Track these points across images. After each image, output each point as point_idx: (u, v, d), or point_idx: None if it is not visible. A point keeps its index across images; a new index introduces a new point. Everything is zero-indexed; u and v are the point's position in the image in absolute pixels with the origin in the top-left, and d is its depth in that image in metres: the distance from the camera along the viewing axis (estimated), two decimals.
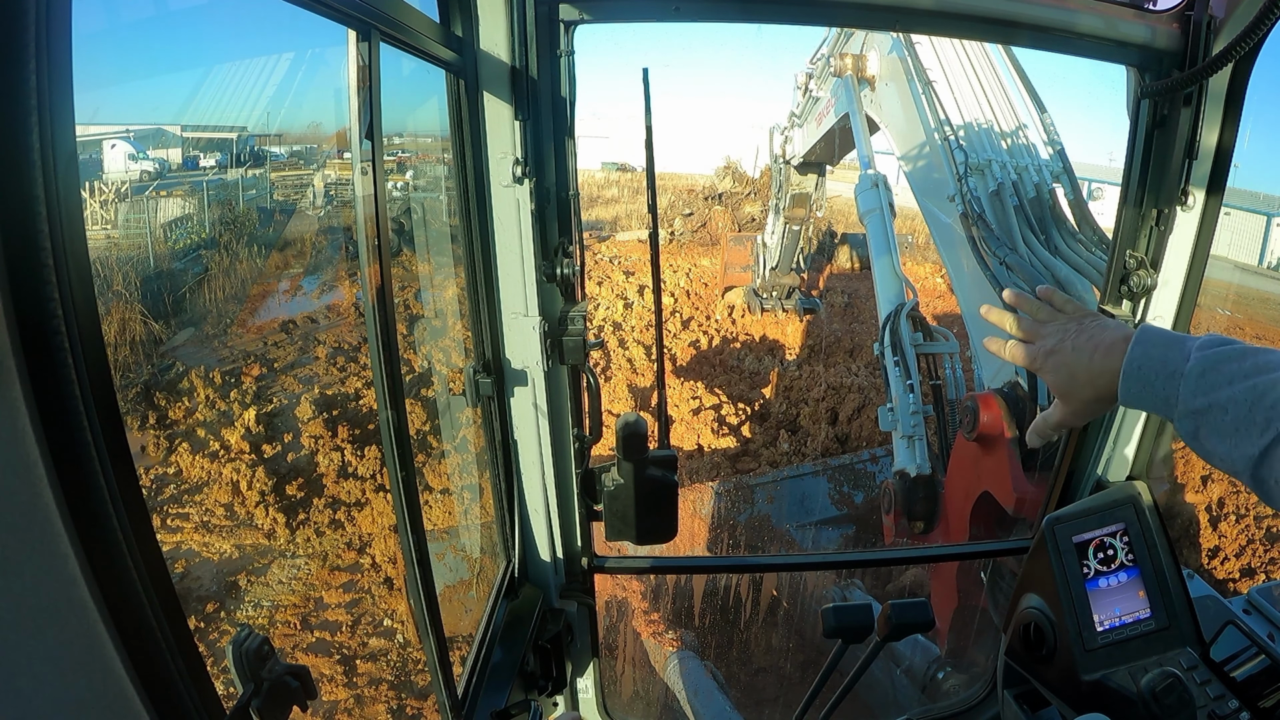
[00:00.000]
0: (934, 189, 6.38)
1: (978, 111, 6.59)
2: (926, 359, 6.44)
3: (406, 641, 8.57)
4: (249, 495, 10.36)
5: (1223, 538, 9.93)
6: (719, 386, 14.41)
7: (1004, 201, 5.83)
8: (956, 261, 6.07)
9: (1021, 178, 5.93)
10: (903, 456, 6.20)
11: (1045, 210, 5.87)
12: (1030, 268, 5.30)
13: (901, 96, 7.27)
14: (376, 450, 11.01)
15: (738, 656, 8.23)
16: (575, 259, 2.21)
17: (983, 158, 6.03)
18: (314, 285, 16.25)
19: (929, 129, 6.55)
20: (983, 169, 5.96)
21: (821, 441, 12.53)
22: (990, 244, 5.56)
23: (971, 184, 5.92)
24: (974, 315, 5.96)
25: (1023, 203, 5.84)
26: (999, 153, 6.16)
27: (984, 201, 5.85)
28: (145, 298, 13.35)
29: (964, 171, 5.96)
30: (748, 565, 6.99)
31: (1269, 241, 30.25)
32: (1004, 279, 5.33)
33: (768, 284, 16.86)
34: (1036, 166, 6.06)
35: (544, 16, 1.95)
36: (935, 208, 6.37)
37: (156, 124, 19.39)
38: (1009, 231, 5.69)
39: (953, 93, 6.66)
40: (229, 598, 9.06)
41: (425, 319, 10.32)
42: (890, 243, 7.40)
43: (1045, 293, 1.40)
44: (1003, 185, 5.85)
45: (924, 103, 6.68)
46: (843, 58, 8.74)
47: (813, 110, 11.66)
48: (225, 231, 16.44)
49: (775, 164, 14.50)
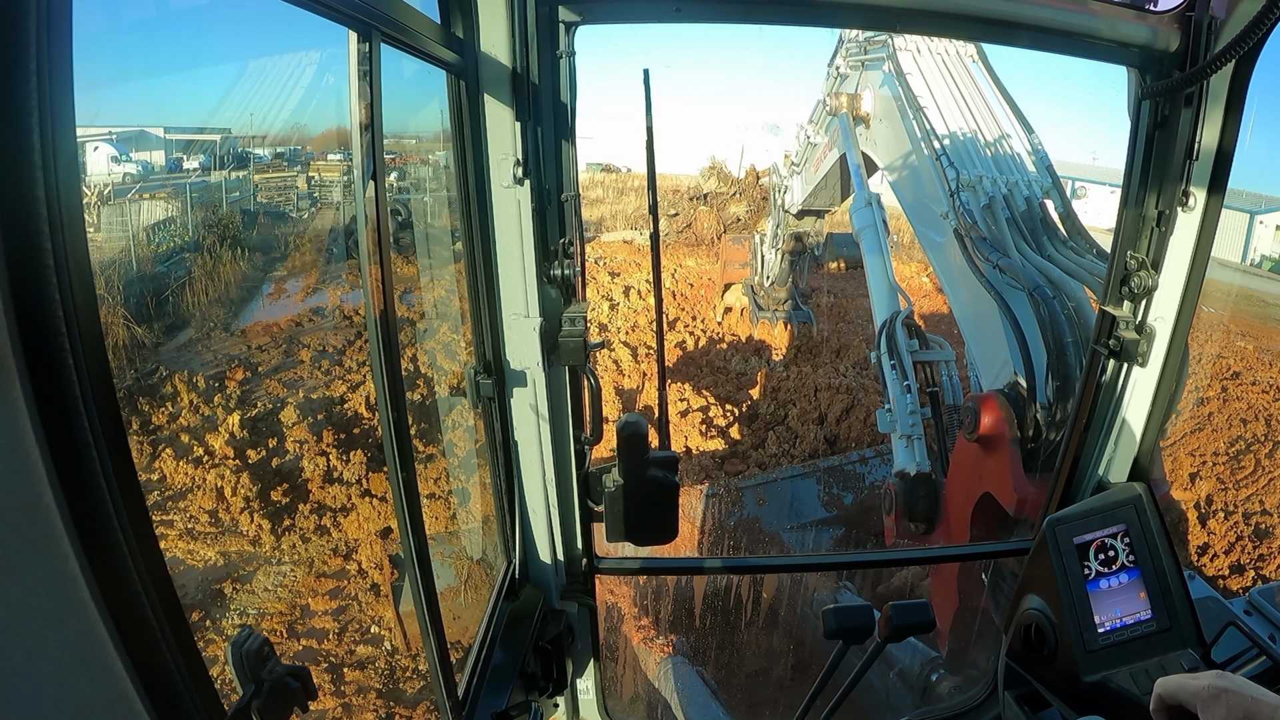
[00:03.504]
0: (928, 211, 6.56)
1: (967, 133, 6.81)
2: (922, 366, 6.53)
3: (407, 642, 8.51)
4: (233, 501, 10.25)
5: (1211, 535, 10.05)
6: (706, 388, 14.42)
7: (996, 214, 5.95)
8: (949, 273, 6.18)
9: (1012, 192, 6.06)
10: (902, 456, 6.23)
11: (1036, 221, 5.97)
12: (1023, 270, 5.33)
13: (894, 130, 7.61)
14: (377, 451, 10.92)
15: (730, 661, 8.22)
16: (575, 259, 2.20)
17: (973, 174, 6.19)
18: (298, 288, 16.12)
19: (921, 151, 6.76)
20: (974, 185, 6.10)
21: (810, 443, 12.56)
22: (983, 249, 5.63)
23: (964, 198, 6.06)
24: (969, 321, 6.05)
25: (1014, 215, 5.95)
26: (989, 168, 6.34)
27: (976, 215, 5.97)
28: (128, 301, 13.21)
29: (955, 188, 6.11)
30: (748, 566, 7.00)
31: (1252, 239, 30.76)
32: (997, 282, 5.38)
33: (766, 294, 17.14)
34: (1026, 181, 6.21)
35: (544, 17, 1.94)
36: (930, 231, 6.54)
37: (140, 126, 19.20)
38: (1001, 239, 5.77)
39: (943, 117, 6.90)
40: (228, 599, 8.96)
41: (426, 319, 10.29)
42: (884, 256, 7.66)
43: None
44: (994, 199, 5.98)
45: (915, 128, 6.94)
46: (838, 97, 9.33)
47: (811, 156, 12.21)
48: (209, 234, 16.29)
49: (774, 211, 15.00)
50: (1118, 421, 2.47)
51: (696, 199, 26.87)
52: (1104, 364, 2.42)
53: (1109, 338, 2.37)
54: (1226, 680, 1.14)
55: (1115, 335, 2.35)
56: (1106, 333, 2.38)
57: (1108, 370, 2.43)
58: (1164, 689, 1.20)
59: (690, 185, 28.80)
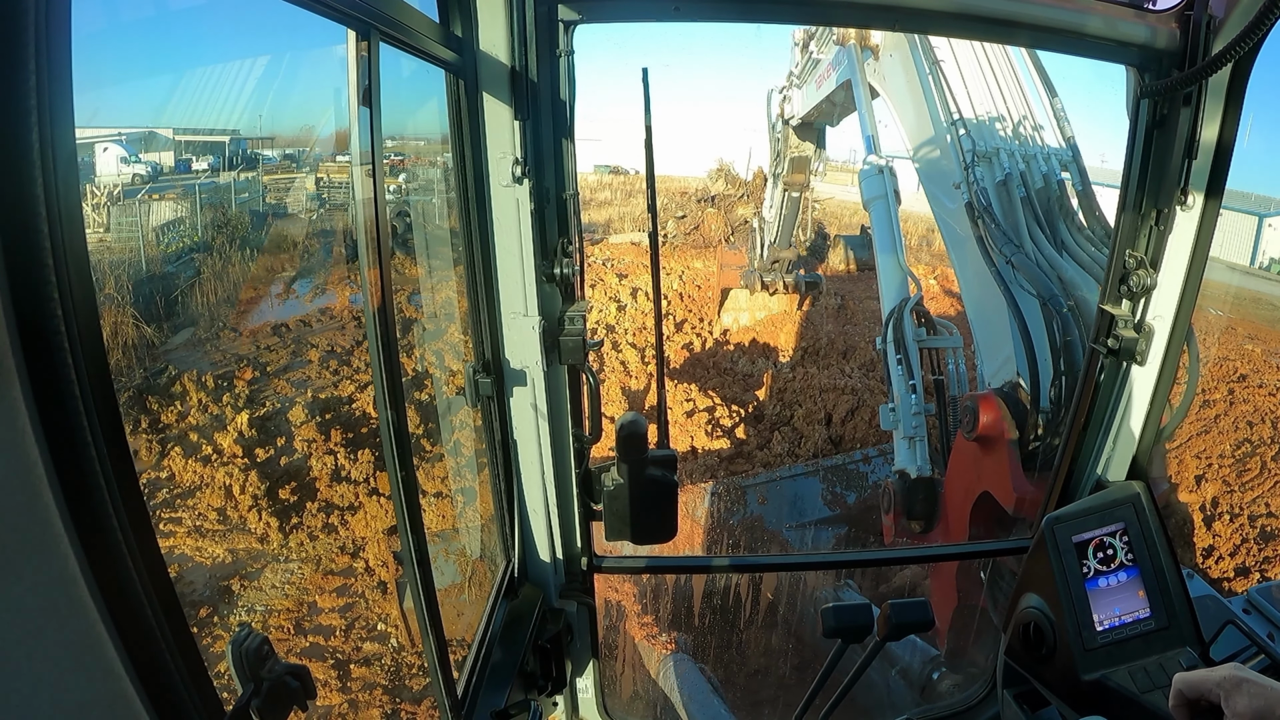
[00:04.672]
0: (939, 175, 6.17)
1: (986, 97, 6.30)
2: (929, 354, 6.33)
3: (410, 640, 8.53)
4: (241, 499, 10.30)
5: (1217, 537, 9.98)
6: (713, 388, 14.40)
7: (1011, 192, 5.63)
8: (961, 253, 5.91)
9: (1029, 166, 5.72)
10: (903, 456, 6.16)
11: (1053, 202, 5.67)
12: (1036, 268, 5.16)
13: (906, 70, 6.88)
14: (378, 452, 10.95)
15: (731, 658, 8.22)
16: (574, 259, 2.20)
17: (990, 146, 5.82)
18: (307, 288, 16.18)
19: (935, 114, 6.27)
20: (990, 157, 5.75)
21: (815, 443, 12.53)
22: (996, 241, 5.41)
23: (978, 173, 5.72)
24: (977, 309, 5.88)
25: (1030, 194, 5.64)
26: (1007, 141, 5.92)
27: (990, 193, 5.66)
28: (137, 301, 13.28)
29: (971, 160, 5.76)
30: (748, 565, 6.99)
31: (1260, 242, 30.49)
32: (1009, 278, 5.21)
33: (766, 262, 16.26)
34: (1045, 155, 5.82)
35: (543, 16, 1.94)
36: (940, 193, 6.16)
37: (149, 127, 19.30)
38: (1015, 226, 5.52)
39: (961, 77, 6.36)
40: (235, 596, 9.00)
41: (425, 319, 10.29)
42: (895, 233, 7.11)
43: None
44: (1010, 176, 5.65)
45: (930, 82, 6.39)
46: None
47: (813, 72, 11.13)
48: (218, 234, 16.36)
49: (773, 127, 13.75)
50: (1116, 420, 2.46)
51: (704, 201, 26.78)
52: (1102, 363, 2.42)
53: (1107, 336, 2.37)
54: (1245, 671, 1.17)
55: (1114, 334, 2.35)
56: (1105, 331, 2.38)
57: (1106, 369, 2.43)
58: (1184, 684, 1.22)
59: (698, 187, 28.73)
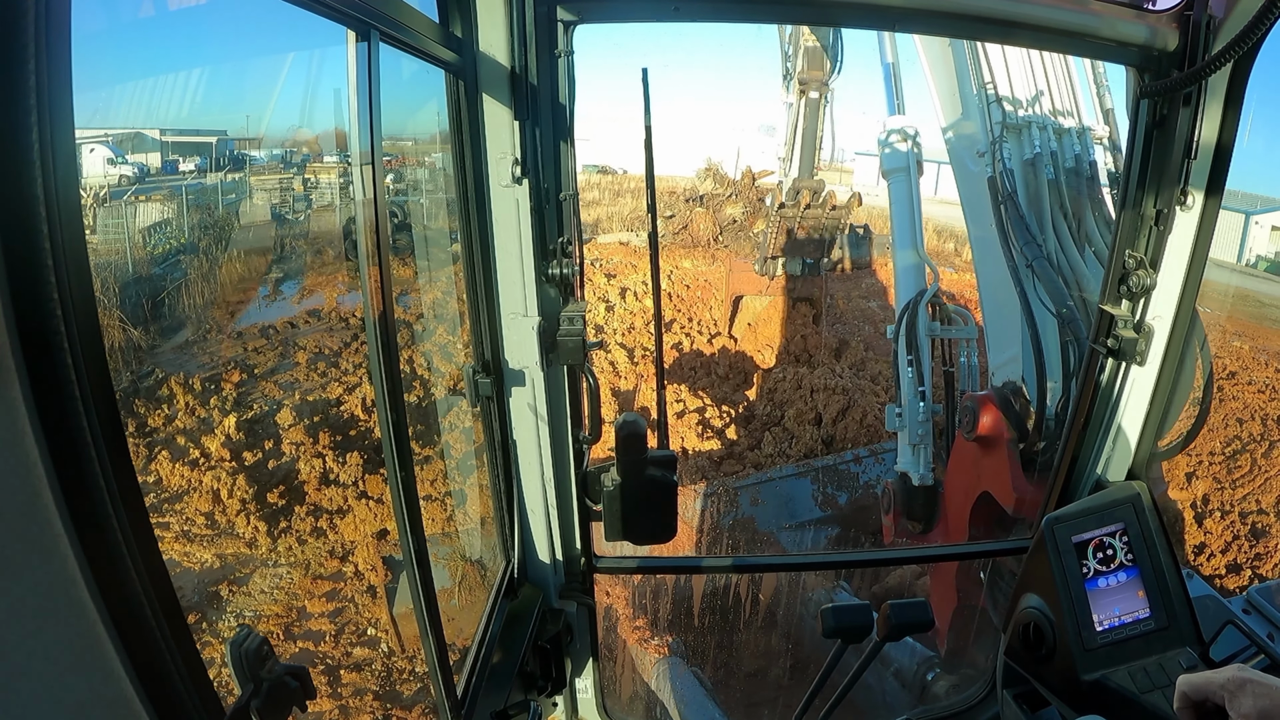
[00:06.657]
0: (965, 140, 5.72)
1: (1021, 65, 5.67)
2: (942, 343, 6.12)
3: (407, 642, 8.49)
4: (230, 503, 10.22)
5: (1208, 534, 10.06)
6: (703, 389, 14.40)
7: (1038, 172, 5.22)
8: (982, 235, 5.56)
9: (1061, 142, 5.31)
10: (906, 460, 6.09)
11: (1082, 186, 5.28)
12: (1057, 279, 4.82)
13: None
14: (374, 453, 10.91)
15: (727, 661, 8.21)
16: (574, 259, 2.20)
17: (1021, 119, 5.37)
18: (294, 289, 16.08)
19: (965, 71, 5.71)
20: (1020, 130, 5.32)
21: (806, 444, 12.54)
22: (1018, 237, 5.05)
23: (1006, 150, 5.29)
24: (991, 299, 5.67)
25: (1058, 175, 5.25)
26: (1040, 115, 5.43)
27: (1017, 175, 5.24)
28: (124, 304, 13.18)
29: (1000, 133, 5.33)
30: (747, 565, 6.97)
31: (1247, 239, 30.86)
32: (1028, 284, 4.93)
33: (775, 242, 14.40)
34: (1079, 131, 5.36)
35: (543, 17, 1.94)
36: (967, 158, 5.72)
37: (138, 128, 19.14)
38: (1040, 213, 5.16)
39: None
40: (225, 600, 8.94)
41: (424, 319, 10.26)
42: (915, 214, 6.58)
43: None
44: (1039, 155, 5.24)
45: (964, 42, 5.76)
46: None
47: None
48: (205, 236, 16.25)
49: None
50: (1116, 420, 2.47)
51: (693, 201, 26.79)
52: (1102, 363, 2.43)
53: (1107, 336, 2.38)
54: (1249, 672, 1.17)
55: (1114, 334, 2.35)
56: (1105, 331, 2.38)
57: (1106, 369, 2.44)
58: (1188, 685, 1.22)
59: (686, 187, 28.75)
